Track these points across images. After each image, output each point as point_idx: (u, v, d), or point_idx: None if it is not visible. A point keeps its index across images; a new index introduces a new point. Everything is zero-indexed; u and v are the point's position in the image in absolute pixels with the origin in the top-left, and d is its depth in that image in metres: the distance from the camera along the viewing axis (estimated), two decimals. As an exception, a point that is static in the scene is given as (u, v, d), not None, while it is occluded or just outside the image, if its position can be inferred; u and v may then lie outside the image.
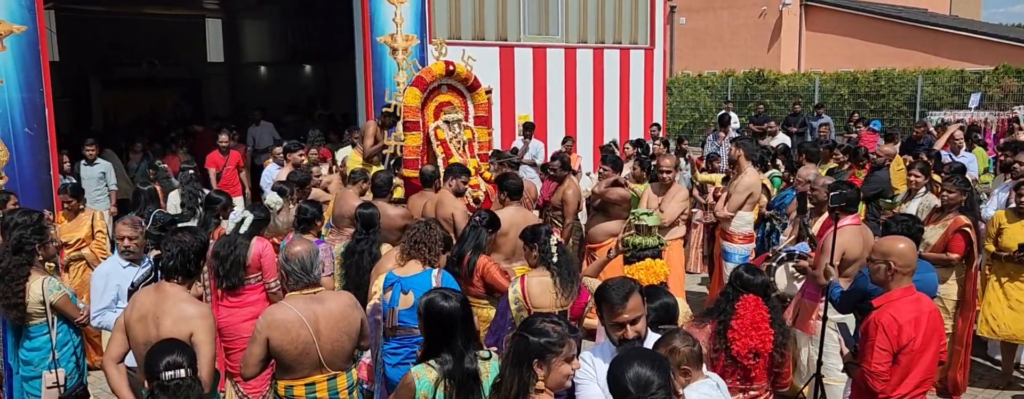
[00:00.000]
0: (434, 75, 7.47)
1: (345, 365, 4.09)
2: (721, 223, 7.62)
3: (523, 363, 2.94)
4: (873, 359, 3.83)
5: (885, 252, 3.96)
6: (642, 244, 4.79)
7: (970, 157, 10.32)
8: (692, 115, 24.71)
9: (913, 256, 3.98)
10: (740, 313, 4.11)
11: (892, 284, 3.94)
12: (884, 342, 3.81)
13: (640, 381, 2.55)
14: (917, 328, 3.83)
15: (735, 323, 4.10)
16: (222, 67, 21.01)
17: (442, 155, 7.36)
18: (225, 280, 5.35)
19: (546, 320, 3.06)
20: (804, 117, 17.56)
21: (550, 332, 2.98)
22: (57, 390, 4.81)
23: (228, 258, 5.33)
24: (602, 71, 14.11)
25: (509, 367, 2.97)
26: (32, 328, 4.86)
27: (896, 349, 3.82)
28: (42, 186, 8.65)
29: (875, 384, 3.86)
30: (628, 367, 2.59)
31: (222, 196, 6.42)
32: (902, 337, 3.80)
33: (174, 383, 3.05)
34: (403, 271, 4.75)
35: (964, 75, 21.59)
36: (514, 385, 2.93)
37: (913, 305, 3.88)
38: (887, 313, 3.84)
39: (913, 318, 3.83)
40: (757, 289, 4.16)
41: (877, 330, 3.83)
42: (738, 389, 4.18)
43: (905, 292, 3.91)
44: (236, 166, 11.15)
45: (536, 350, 2.94)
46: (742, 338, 4.06)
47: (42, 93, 8.57)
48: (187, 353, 3.19)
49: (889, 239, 4.14)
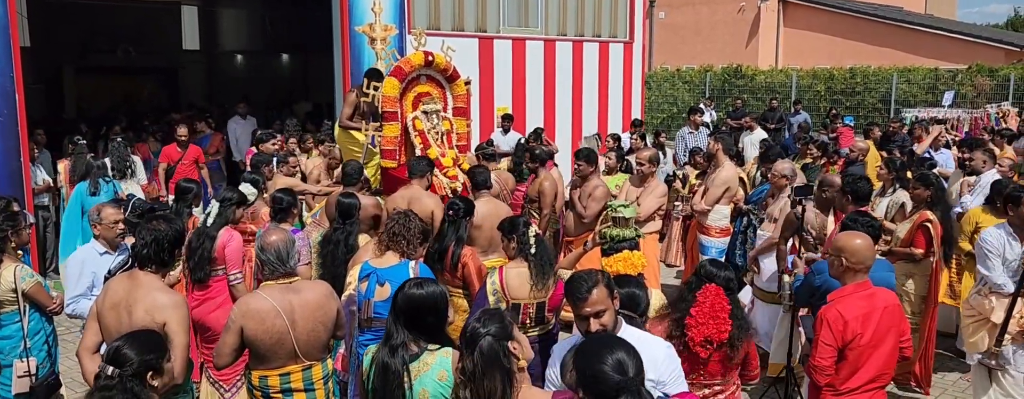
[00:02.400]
0: (413, 65, 7.42)
1: (321, 355, 4.07)
2: (698, 217, 7.65)
3: (497, 360, 2.92)
4: (817, 353, 3.90)
5: (839, 248, 4.02)
6: (619, 236, 4.80)
7: (947, 153, 10.43)
8: (670, 109, 24.82)
9: (868, 253, 4.01)
10: (700, 301, 4.08)
11: (846, 279, 4.00)
12: (828, 337, 3.86)
13: (621, 364, 2.54)
14: (866, 324, 3.86)
15: (694, 310, 4.06)
16: (198, 55, 20.79)
17: (420, 146, 7.32)
18: (193, 273, 5.27)
19: (478, 318, 3.07)
20: (781, 113, 17.69)
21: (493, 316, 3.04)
22: (28, 379, 4.75)
23: (197, 252, 5.24)
24: (581, 64, 14.12)
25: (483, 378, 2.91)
26: (2, 316, 4.79)
27: (841, 344, 3.86)
28: (12, 173, 8.49)
29: (818, 378, 3.92)
30: (603, 355, 2.57)
31: (193, 184, 6.36)
32: (847, 333, 3.84)
33: (103, 381, 2.94)
34: (379, 262, 4.72)
35: (938, 73, 21.85)
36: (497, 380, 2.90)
37: (865, 301, 3.92)
38: (834, 309, 3.90)
39: (862, 314, 3.87)
40: (720, 281, 4.16)
41: (822, 325, 3.90)
42: (701, 384, 4.15)
43: (857, 288, 3.96)
44: (194, 162, 10.39)
45: (501, 336, 2.97)
46: (699, 326, 4.02)
47: (12, 78, 8.41)
48: (143, 349, 3.04)
49: (846, 234, 4.20)
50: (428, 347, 3.33)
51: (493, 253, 5.94)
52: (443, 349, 3.35)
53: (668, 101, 25.16)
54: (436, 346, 3.35)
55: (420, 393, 3.27)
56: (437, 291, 3.42)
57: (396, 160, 7.38)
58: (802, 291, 4.99)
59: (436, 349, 3.34)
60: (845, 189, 5.98)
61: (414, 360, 3.29)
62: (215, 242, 5.25)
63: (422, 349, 3.32)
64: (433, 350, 3.34)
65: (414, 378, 3.28)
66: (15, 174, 8.53)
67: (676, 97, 25.11)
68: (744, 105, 19.69)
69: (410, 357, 3.29)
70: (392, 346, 3.31)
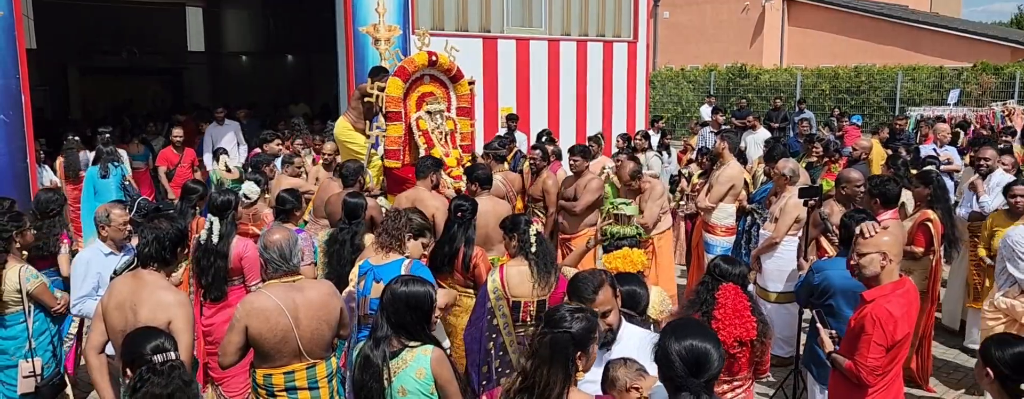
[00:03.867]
0: (417, 65, 7.43)
1: (324, 353, 4.08)
2: (702, 215, 7.66)
3: (564, 358, 2.80)
4: (870, 354, 3.78)
5: (876, 244, 3.94)
6: (620, 233, 4.82)
7: (952, 150, 10.41)
8: (674, 109, 24.79)
9: (900, 248, 4.02)
10: (721, 302, 4.12)
11: (883, 277, 3.90)
12: (881, 337, 3.76)
13: (708, 360, 2.50)
14: (909, 322, 3.84)
15: (717, 313, 4.11)
16: (203, 56, 20.84)
17: (424, 146, 7.33)
18: (207, 293, 5.26)
19: (571, 310, 2.92)
20: (785, 112, 17.66)
21: (583, 319, 2.86)
22: (33, 379, 4.77)
23: (209, 271, 5.21)
24: (585, 64, 14.12)
25: (546, 366, 2.79)
26: (8, 317, 4.82)
27: (891, 344, 3.79)
28: (18, 174, 8.54)
29: (870, 379, 3.82)
30: (680, 340, 2.52)
31: (199, 186, 6.37)
32: (897, 332, 3.77)
33: (168, 365, 3.03)
34: (378, 260, 4.75)
35: (943, 72, 21.79)
36: (557, 381, 2.78)
37: (903, 298, 3.87)
38: (884, 308, 3.78)
39: (905, 312, 3.83)
40: (735, 279, 4.19)
41: (875, 325, 3.77)
42: (722, 381, 4.19)
43: (896, 286, 3.88)
44: (191, 164, 10.32)
45: (579, 341, 2.82)
46: (727, 327, 4.07)
47: (18, 79, 8.45)
48: (171, 339, 3.17)
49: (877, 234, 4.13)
50: (408, 344, 3.36)
51: (492, 250, 5.97)
52: (423, 347, 3.38)
53: (672, 101, 25.14)
54: (416, 344, 3.38)
55: (399, 390, 3.31)
56: (421, 291, 3.43)
57: (400, 160, 7.39)
58: (802, 291, 4.98)
59: (416, 347, 3.37)
60: (873, 192, 5.92)
61: (395, 357, 3.33)
62: (228, 260, 5.22)
63: (403, 346, 3.35)
64: (413, 348, 3.36)
65: (394, 374, 3.32)
66: (21, 175, 8.57)
67: (680, 97, 25.09)
68: (748, 104, 19.67)
69: (391, 353, 3.33)
70: (376, 339, 3.38)
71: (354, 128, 8.03)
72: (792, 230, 6.68)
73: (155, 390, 2.97)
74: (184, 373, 3.08)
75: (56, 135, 11.62)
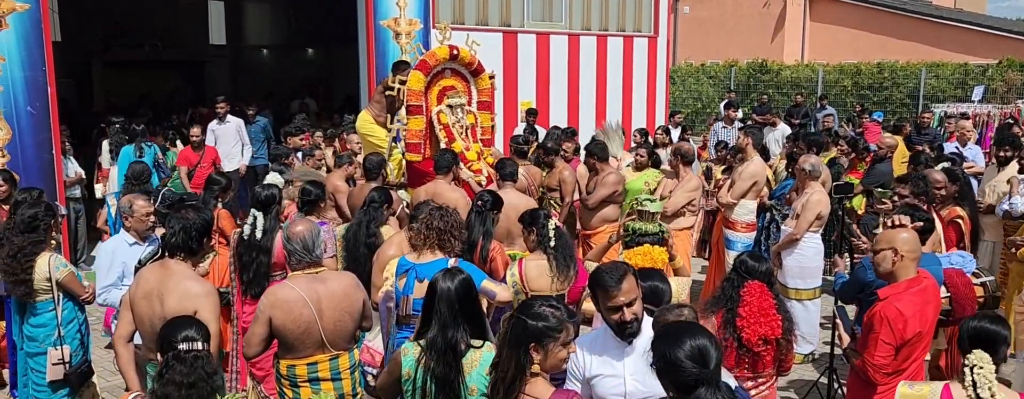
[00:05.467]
0: (438, 59, 7.45)
1: (347, 345, 4.12)
2: (723, 211, 7.64)
3: (520, 346, 2.93)
4: (876, 352, 3.81)
5: (890, 240, 3.96)
6: (642, 229, 4.81)
7: (976, 149, 10.28)
8: (694, 105, 24.68)
9: (918, 243, 3.99)
10: (747, 300, 4.11)
11: (899, 274, 3.91)
12: (889, 336, 3.78)
13: (701, 353, 2.49)
14: (923, 321, 3.82)
15: (743, 310, 4.10)
16: (224, 49, 20.98)
17: (445, 139, 7.35)
18: (248, 289, 5.23)
19: (545, 304, 3.04)
20: (806, 108, 17.55)
21: (548, 316, 2.97)
22: (62, 367, 4.84)
23: (251, 266, 5.19)
24: (605, 59, 14.08)
25: (506, 348, 2.97)
26: (38, 305, 4.90)
27: (900, 343, 3.79)
28: (44, 165, 8.65)
29: (877, 377, 3.84)
30: (680, 344, 2.51)
31: (223, 178, 6.43)
32: (907, 331, 3.77)
33: (191, 355, 3.07)
34: (419, 258, 4.62)
35: (968, 68, 21.56)
36: (511, 367, 2.93)
37: (918, 296, 3.86)
38: (893, 306, 3.79)
39: (919, 311, 3.81)
40: (761, 276, 4.18)
41: (882, 324, 3.79)
42: (747, 378, 4.19)
43: (911, 284, 3.88)
44: (213, 163, 9.93)
45: (533, 334, 2.93)
46: (752, 325, 4.06)
47: (45, 72, 8.55)
48: (202, 330, 3.21)
49: (893, 230, 4.13)
50: (473, 344, 3.38)
51: (512, 245, 5.98)
52: (486, 345, 3.41)
53: (692, 96, 25.02)
54: (480, 343, 3.40)
55: (471, 389, 3.32)
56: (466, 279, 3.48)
57: (421, 153, 7.42)
58: (850, 287, 4.96)
59: (481, 346, 3.39)
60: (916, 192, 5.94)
61: (463, 356, 3.34)
62: (272, 256, 5.18)
63: (468, 346, 3.36)
64: (478, 347, 3.38)
65: (467, 374, 3.33)
66: (47, 166, 8.68)
67: (700, 92, 24.97)
68: (769, 101, 19.55)
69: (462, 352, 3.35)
70: (447, 335, 3.34)
71: (375, 122, 8.06)
72: (813, 226, 6.66)
73: (177, 378, 3.03)
74: (208, 364, 3.11)
75: (80, 127, 11.79)
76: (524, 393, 2.93)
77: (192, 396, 2.91)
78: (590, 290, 3.39)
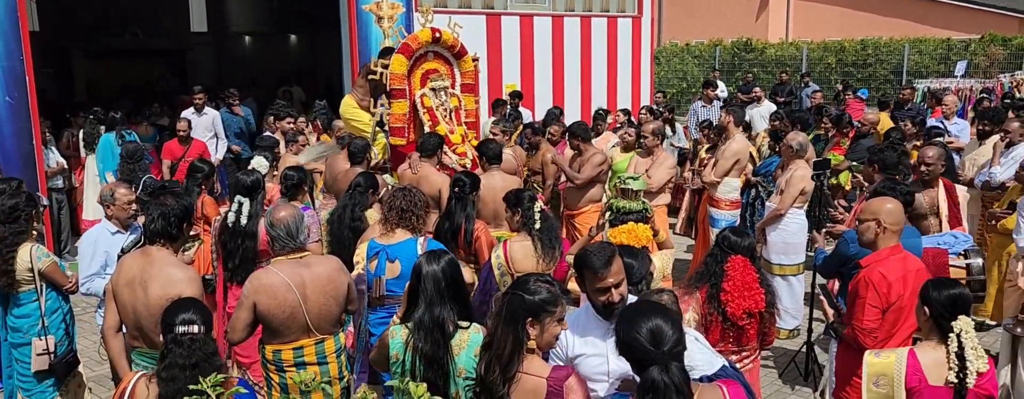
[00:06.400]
0: (420, 42, 7.41)
1: (333, 329, 4.11)
2: (708, 189, 7.66)
3: (517, 321, 2.93)
4: (865, 316, 3.91)
5: (875, 211, 4.07)
6: (626, 207, 4.82)
7: (962, 124, 10.31)
8: (679, 85, 24.68)
9: (901, 215, 4.09)
10: (730, 274, 4.16)
11: (880, 243, 4.03)
12: (875, 299, 3.89)
13: (658, 335, 2.53)
14: (905, 286, 3.91)
15: (727, 285, 4.15)
16: (207, 37, 20.78)
17: (429, 123, 7.33)
18: (235, 276, 5.20)
19: (540, 279, 3.06)
20: (791, 86, 17.56)
21: (544, 291, 2.99)
22: (47, 357, 4.82)
23: (237, 253, 5.17)
24: (589, 40, 14.04)
25: (501, 325, 2.96)
26: (21, 295, 4.87)
27: (886, 306, 3.90)
28: (24, 156, 8.56)
29: (866, 341, 3.92)
30: (643, 322, 2.56)
31: (205, 165, 6.39)
32: (891, 294, 3.88)
33: (187, 338, 3.08)
34: (387, 239, 4.73)
35: (951, 43, 21.64)
36: (507, 343, 2.92)
37: (900, 263, 3.97)
38: (876, 271, 3.92)
39: (900, 276, 3.92)
40: (743, 250, 4.22)
41: (867, 287, 3.91)
42: (731, 352, 4.23)
43: (892, 251, 4.01)
44: (199, 157, 9.28)
45: (531, 308, 2.94)
46: (736, 299, 4.11)
47: (22, 61, 8.45)
48: (202, 313, 3.21)
49: (878, 200, 4.25)
50: (461, 324, 3.38)
51: (498, 227, 5.98)
52: (473, 326, 3.41)
53: (677, 76, 25.01)
54: (467, 324, 3.41)
55: (458, 371, 3.32)
56: (450, 260, 3.49)
57: (405, 137, 7.39)
58: (832, 261, 5.00)
59: (467, 327, 3.40)
60: (871, 160, 6.04)
61: (452, 337, 3.34)
62: (257, 240, 5.15)
63: (456, 326, 3.36)
64: (465, 328, 3.39)
65: (455, 356, 3.33)
66: (28, 157, 8.60)
67: (685, 72, 24.96)
68: (755, 79, 19.56)
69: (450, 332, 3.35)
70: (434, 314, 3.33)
71: (359, 106, 8.02)
72: (797, 202, 6.69)
73: (179, 360, 3.05)
74: (206, 345, 3.12)
75: (62, 117, 11.66)
76: (521, 371, 2.93)
77: (196, 376, 2.91)
78: (576, 271, 3.39)
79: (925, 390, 3.38)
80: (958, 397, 3.33)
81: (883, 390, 3.46)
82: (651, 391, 2.44)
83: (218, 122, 10.79)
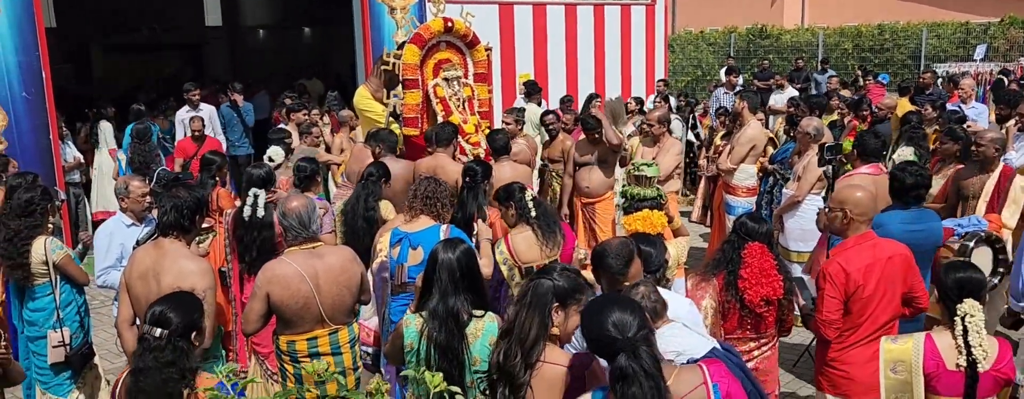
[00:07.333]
0: (432, 32, 7.38)
1: (346, 319, 4.11)
2: (723, 176, 7.60)
3: (543, 307, 2.90)
4: (824, 307, 3.89)
5: (842, 200, 4.00)
6: (640, 194, 4.80)
7: (980, 108, 10.17)
8: (694, 73, 24.52)
9: (870, 204, 4.01)
10: (747, 261, 4.12)
11: (849, 231, 3.97)
12: (832, 291, 3.86)
13: (620, 324, 2.52)
14: (868, 275, 3.84)
15: (744, 272, 4.11)
16: (221, 31, 20.85)
17: (442, 113, 7.30)
18: (252, 269, 5.09)
19: (566, 269, 3.05)
20: (807, 73, 17.43)
21: (572, 278, 2.98)
22: (62, 349, 4.85)
23: (253, 246, 5.12)
24: (603, 28, 13.95)
25: (525, 310, 2.92)
26: (36, 288, 4.89)
27: (844, 297, 3.85)
28: (42, 150, 8.63)
29: (826, 332, 3.91)
30: (605, 315, 2.56)
31: (217, 157, 6.39)
32: (849, 285, 3.83)
33: (153, 342, 2.97)
34: (410, 227, 4.73)
35: (969, 27, 21.38)
36: (532, 328, 2.88)
37: (867, 252, 3.91)
38: (834, 262, 3.89)
39: (864, 265, 3.85)
40: (761, 237, 4.18)
41: (824, 280, 3.89)
42: (750, 339, 4.21)
43: (859, 240, 3.94)
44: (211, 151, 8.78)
45: (559, 293, 2.92)
46: (754, 287, 4.08)
47: (38, 57, 8.50)
48: (184, 312, 3.06)
49: (847, 187, 4.20)
50: (475, 313, 3.36)
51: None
52: (488, 314, 3.39)
53: (692, 64, 24.85)
54: (482, 312, 3.38)
55: (473, 360, 3.30)
56: (467, 249, 3.46)
57: (418, 127, 7.38)
58: None
59: (482, 316, 3.37)
60: (854, 145, 6.00)
61: (466, 325, 3.32)
62: (274, 230, 5.07)
63: (471, 315, 3.34)
64: (479, 317, 3.36)
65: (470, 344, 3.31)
66: (45, 151, 8.66)
67: (700, 60, 24.79)
68: (770, 66, 19.42)
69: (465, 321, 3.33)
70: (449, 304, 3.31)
71: (373, 97, 8.01)
72: (815, 189, 6.62)
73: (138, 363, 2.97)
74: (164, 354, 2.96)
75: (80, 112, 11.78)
76: (543, 360, 2.90)
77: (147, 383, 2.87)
78: (594, 267, 3.38)
79: (943, 374, 3.34)
80: (970, 382, 3.28)
81: (901, 376, 3.41)
82: (620, 379, 2.44)
83: (214, 118, 10.66)
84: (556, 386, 2.90)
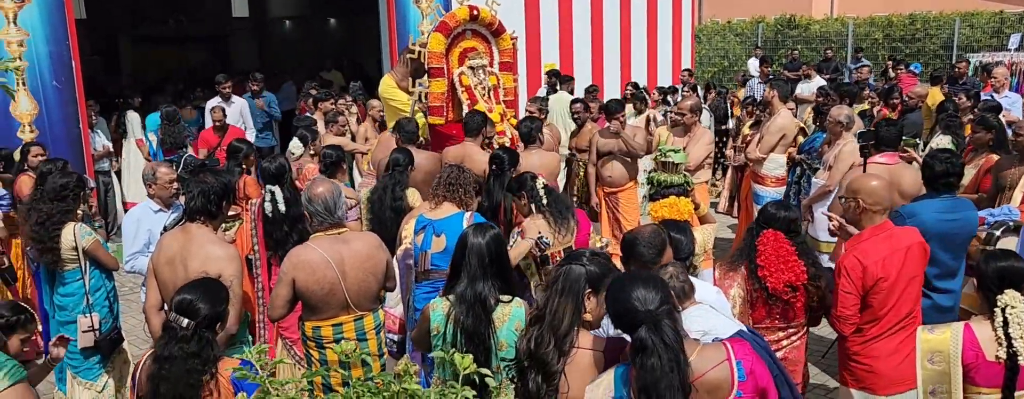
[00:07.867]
0: (458, 20, 7.36)
1: (372, 305, 4.11)
2: (752, 166, 7.51)
3: (577, 292, 2.87)
4: (839, 303, 3.83)
5: (855, 189, 3.94)
6: (667, 181, 4.75)
7: (1015, 97, 9.97)
8: (721, 63, 24.29)
9: (884, 194, 3.93)
10: (761, 249, 4.06)
11: (864, 222, 3.91)
12: (847, 286, 3.79)
13: (643, 298, 2.54)
14: (887, 267, 3.77)
15: (760, 260, 4.05)
16: (247, 22, 20.95)
17: (467, 101, 7.28)
18: None
19: (596, 254, 3.01)
20: (837, 63, 17.20)
21: (604, 264, 2.94)
22: (92, 334, 4.90)
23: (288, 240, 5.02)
24: (629, 18, 13.85)
25: (558, 296, 2.88)
26: (66, 273, 4.95)
27: (861, 291, 3.79)
28: (72, 139, 8.73)
29: (843, 327, 3.86)
30: (629, 290, 2.58)
31: (243, 144, 6.41)
32: (867, 279, 3.76)
33: (180, 332, 3.01)
34: (435, 214, 4.73)
35: (1003, 16, 20.98)
36: (566, 313, 2.85)
37: (884, 243, 3.83)
38: (850, 256, 3.82)
39: (882, 257, 3.78)
40: (778, 224, 4.11)
41: (840, 275, 3.83)
42: (778, 328, 4.15)
43: (874, 231, 3.87)
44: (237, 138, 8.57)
45: (591, 279, 2.88)
46: (774, 273, 4.01)
47: (69, 47, 8.59)
48: (212, 301, 3.09)
49: (862, 176, 4.13)
50: (502, 298, 3.36)
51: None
52: (515, 300, 3.39)
53: (719, 55, 24.61)
54: (508, 298, 3.38)
55: (500, 344, 3.31)
56: (495, 234, 3.47)
57: (443, 116, 7.36)
58: None
59: (509, 301, 3.37)
60: (872, 133, 5.91)
61: (494, 310, 3.32)
62: (305, 221, 4.94)
63: (498, 300, 3.34)
64: (507, 302, 3.36)
65: (496, 329, 3.31)
66: (75, 140, 8.76)
67: (727, 50, 24.54)
68: (799, 57, 19.18)
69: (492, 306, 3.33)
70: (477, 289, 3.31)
71: (398, 86, 8.01)
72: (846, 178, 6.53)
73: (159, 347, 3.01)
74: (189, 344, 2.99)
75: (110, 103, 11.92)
76: (577, 346, 2.88)
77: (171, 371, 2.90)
78: (623, 257, 3.35)
79: (982, 365, 3.27)
80: (1010, 374, 3.21)
81: (939, 367, 3.35)
82: (640, 350, 2.48)
83: (246, 111, 10.53)
84: (590, 372, 2.86)
